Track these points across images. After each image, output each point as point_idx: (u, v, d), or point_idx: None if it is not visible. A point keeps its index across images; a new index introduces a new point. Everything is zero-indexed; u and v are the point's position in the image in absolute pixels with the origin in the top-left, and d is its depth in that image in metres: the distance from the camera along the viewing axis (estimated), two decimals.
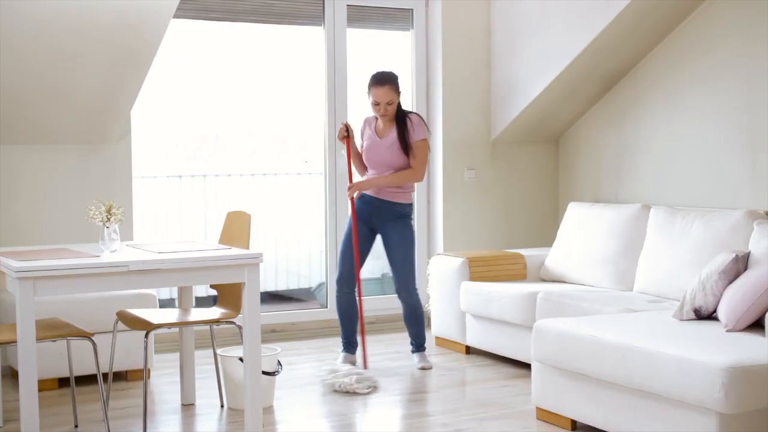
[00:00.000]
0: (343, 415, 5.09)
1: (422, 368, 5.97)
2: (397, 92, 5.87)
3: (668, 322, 4.73)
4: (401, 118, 5.89)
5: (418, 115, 5.98)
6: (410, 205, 5.98)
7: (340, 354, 6.10)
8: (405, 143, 5.84)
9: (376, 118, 5.98)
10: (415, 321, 6.05)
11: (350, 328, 6.09)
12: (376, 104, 5.84)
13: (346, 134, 6.00)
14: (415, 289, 6.00)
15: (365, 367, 5.92)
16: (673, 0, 6.03)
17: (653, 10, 6.06)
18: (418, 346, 6.10)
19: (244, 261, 4.38)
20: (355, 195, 5.96)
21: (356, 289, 6.03)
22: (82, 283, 4.12)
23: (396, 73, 5.94)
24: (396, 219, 5.91)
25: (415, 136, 5.85)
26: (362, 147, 6.03)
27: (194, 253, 4.42)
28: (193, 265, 4.33)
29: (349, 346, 6.10)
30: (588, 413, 4.53)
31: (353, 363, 6.03)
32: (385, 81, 5.84)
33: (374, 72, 5.93)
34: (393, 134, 5.87)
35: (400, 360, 6.22)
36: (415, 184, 6.07)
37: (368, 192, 5.95)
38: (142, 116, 6.67)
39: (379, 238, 6.05)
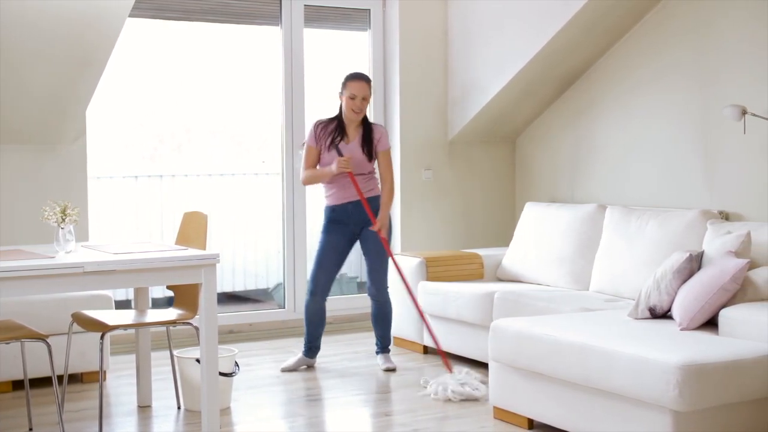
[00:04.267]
0: (301, 415, 5.08)
1: (387, 369, 5.95)
2: (371, 91, 5.90)
3: (624, 321, 4.77)
4: (368, 124, 5.92)
5: (383, 126, 6.06)
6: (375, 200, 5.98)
7: (299, 354, 6.06)
8: (369, 149, 5.86)
9: (336, 124, 5.87)
10: (384, 321, 6.08)
11: (316, 333, 6.04)
12: (352, 98, 5.79)
13: (350, 167, 5.80)
14: (388, 288, 6.05)
15: (450, 371, 5.66)
16: (629, 1, 6.08)
17: (609, 11, 6.11)
18: (384, 347, 6.11)
19: (200, 262, 4.36)
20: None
21: (325, 300, 6.01)
22: (37, 285, 4.08)
23: None
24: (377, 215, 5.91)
25: (385, 143, 5.94)
26: (321, 153, 5.89)
27: (150, 254, 4.39)
28: (149, 266, 4.30)
29: (311, 351, 6.06)
30: (545, 412, 4.56)
31: (312, 366, 6.03)
32: (362, 77, 5.88)
33: (348, 73, 5.95)
34: (359, 139, 5.87)
35: (359, 360, 6.22)
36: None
37: (347, 200, 5.89)
38: (98, 116, 6.62)
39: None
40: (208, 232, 4.92)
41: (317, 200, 7.19)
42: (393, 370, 5.96)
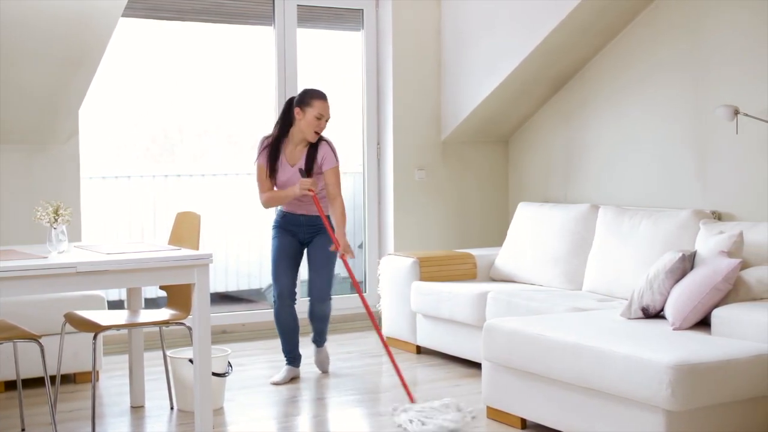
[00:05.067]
0: (294, 416, 5.08)
1: (319, 365, 5.91)
2: None
3: (616, 321, 4.78)
4: (315, 144, 5.64)
5: (330, 141, 5.70)
6: (328, 218, 5.75)
7: (285, 366, 5.84)
8: (310, 170, 5.58)
9: (280, 139, 5.65)
10: (321, 321, 5.86)
11: (293, 341, 5.83)
12: (318, 118, 5.55)
13: (314, 189, 5.56)
14: (330, 299, 5.82)
15: (412, 401, 5.10)
16: (621, 1, 6.09)
17: (602, 11, 6.12)
18: (319, 342, 5.94)
19: (193, 262, 4.35)
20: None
21: (295, 301, 5.80)
22: (29, 285, 4.07)
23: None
24: (322, 230, 5.73)
25: (327, 163, 5.61)
26: (269, 172, 5.64)
27: (143, 254, 4.39)
28: (142, 266, 4.29)
29: (293, 360, 5.85)
30: (538, 412, 4.56)
31: (297, 376, 5.83)
32: (326, 96, 5.63)
33: (308, 88, 5.69)
34: (303, 157, 5.62)
35: (352, 360, 6.22)
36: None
37: (301, 212, 5.70)
38: (91, 116, 6.61)
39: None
40: (201, 232, 4.91)
41: None
42: (326, 370, 5.92)
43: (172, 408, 5.13)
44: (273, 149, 5.65)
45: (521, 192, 7.42)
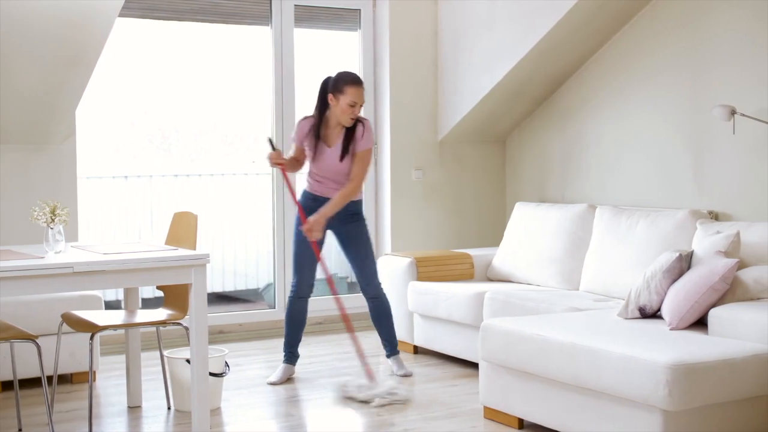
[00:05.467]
0: (291, 416, 5.08)
1: (404, 375, 5.79)
2: None
3: (613, 321, 4.78)
4: (353, 126, 5.61)
5: (368, 121, 5.67)
6: (362, 202, 5.78)
7: (281, 365, 5.80)
8: (346, 151, 5.57)
9: (314, 120, 5.64)
10: (385, 317, 5.84)
11: (296, 337, 5.81)
12: (351, 105, 5.49)
13: (282, 161, 5.61)
14: (380, 283, 5.85)
15: (374, 380, 5.42)
16: (618, 1, 6.09)
17: (599, 10, 6.12)
18: (392, 348, 5.89)
19: (190, 262, 4.35)
20: (316, 231, 5.54)
21: (308, 297, 5.81)
22: (26, 285, 4.07)
23: None
24: (351, 216, 5.71)
25: (362, 144, 5.58)
26: (304, 151, 5.66)
27: (140, 254, 4.38)
28: (139, 266, 4.29)
29: (292, 357, 5.82)
30: (535, 412, 4.56)
31: (292, 375, 5.81)
32: (361, 82, 5.57)
33: (340, 72, 5.60)
34: (340, 141, 5.60)
35: (349, 360, 6.21)
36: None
37: (321, 194, 5.63)
38: (88, 116, 6.61)
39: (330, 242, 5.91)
40: (198, 232, 4.91)
41: None
42: (409, 375, 5.81)
43: (169, 408, 5.13)
44: (315, 134, 5.61)
45: (518, 192, 7.42)
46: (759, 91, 5.43)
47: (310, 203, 5.68)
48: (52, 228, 4.41)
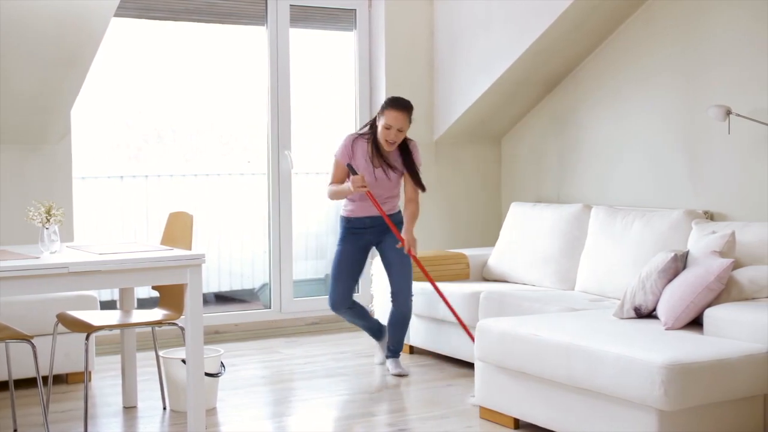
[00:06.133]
0: (287, 416, 5.08)
1: (398, 375, 5.84)
2: (410, 122, 5.68)
3: (609, 321, 4.79)
4: (404, 146, 5.74)
5: (414, 141, 5.83)
6: (401, 212, 5.90)
7: (376, 345, 6.10)
8: (408, 170, 5.74)
9: (367, 142, 5.71)
10: (401, 327, 5.94)
11: (367, 324, 6.02)
12: (387, 128, 5.57)
13: (366, 184, 5.60)
14: (412, 296, 5.90)
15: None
16: (614, 1, 6.10)
17: (595, 11, 6.12)
18: (395, 352, 5.98)
19: (186, 262, 4.35)
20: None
21: (352, 304, 5.92)
22: (21, 285, 4.06)
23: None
24: (390, 230, 5.80)
25: (418, 163, 5.79)
26: (350, 166, 5.66)
27: (135, 254, 4.38)
28: (135, 266, 4.29)
29: (377, 334, 6.05)
30: (531, 412, 4.56)
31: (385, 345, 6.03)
32: (403, 106, 5.63)
33: (390, 97, 5.74)
34: (394, 163, 5.70)
35: (346, 360, 6.22)
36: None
37: (359, 215, 5.78)
38: (83, 116, 6.60)
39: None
40: (193, 233, 4.91)
41: (303, 200, 7.21)
42: (405, 375, 5.85)
43: (164, 408, 5.13)
44: (370, 152, 5.68)
45: (514, 192, 7.42)
46: (754, 92, 5.43)
47: (348, 224, 5.84)
48: (47, 228, 4.40)
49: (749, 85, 5.47)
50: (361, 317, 6.01)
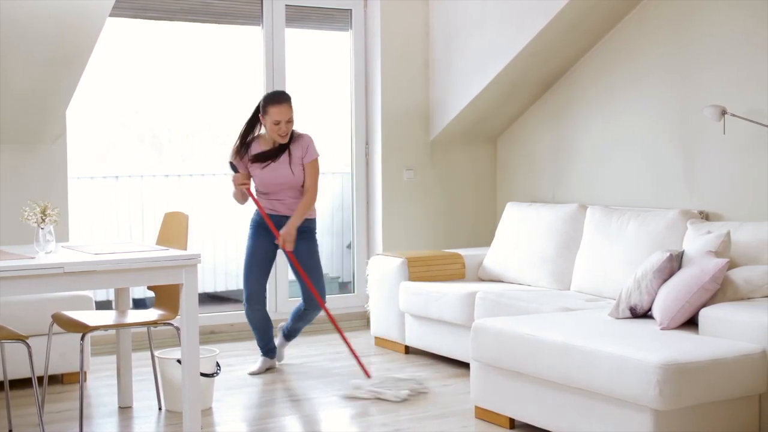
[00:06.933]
0: (282, 416, 5.08)
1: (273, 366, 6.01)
2: (292, 109, 5.71)
3: (604, 321, 4.79)
4: (291, 140, 5.76)
5: (308, 135, 5.82)
6: (315, 221, 5.91)
7: (260, 359, 5.99)
8: (297, 165, 5.74)
9: (259, 140, 5.79)
10: (306, 322, 6.01)
11: (265, 338, 5.97)
12: (276, 123, 5.63)
13: (247, 182, 5.76)
14: (324, 302, 5.87)
15: (368, 376, 5.64)
16: (609, 2, 6.10)
17: (590, 11, 6.13)
18: (289, 337, 6.10)
19: (181, 262, 4.34)
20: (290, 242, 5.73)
21: (265, 305, 5.94)
22: (17, 285, 4.06)
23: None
24: (304, 233, 5.79)
25: (311, 154, 5.76)
26: (232, 165, 5.81)
27: (131, 254, 4.38)
28: (130, 266, 4.28)
29: (270, 352, 6.00)
30: (526, 412, 4.57)
31: (273, 367, 6.01)
32: (282, 99, 5.67)
33: (268, 92, 5.83)
34: (285, 155, 5.73)
35: (340, 360, 6.21)
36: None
37: (279, 213, 5.79)
38: (79, 116, 6.59)
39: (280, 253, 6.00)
40: (189, 233, 4.90)
41: None
42: (273, 368, 5.99)
43: (160, 408, 5.12)
44: (258, 153, 5.74)
45: (509, 192, 7.42)
46: (749, 92, 5.44)
47: (258, 218, 5.87)
48: (42, 228, 4.40)
49: (744, 85, 5.47)
50: (266, 325, 5.96)
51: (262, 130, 5.78)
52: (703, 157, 5.77)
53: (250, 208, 5.93)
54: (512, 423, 4.71)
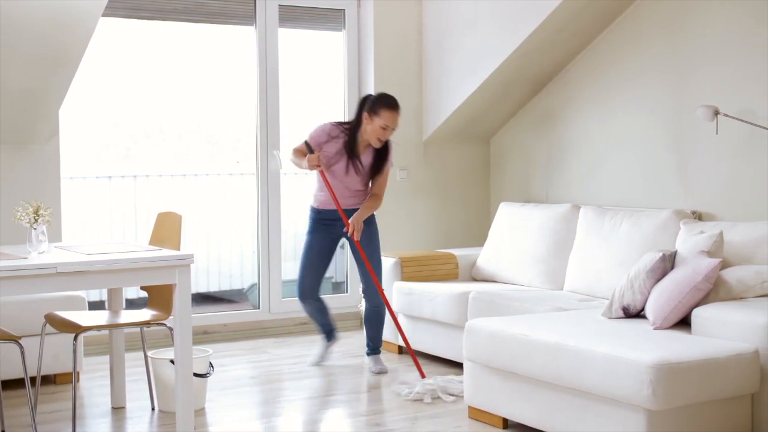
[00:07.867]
0: (275, 416, 5.08)
1: (379, 372, 5.88)
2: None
3: (597, 321, 4.79)
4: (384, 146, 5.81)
5: (391, 141, 5.87)
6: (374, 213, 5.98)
7: (323, 342, 6.11)
8: (377, 169, 5.81)
9: (344, 134, 5.77)
10: (377, 323, 6.01)
11: (324, 321, 6.07)
12: (384, 128, 5.66)
13: (321, 164, 5.74)
14: (382, 290, 5.92)
15: (423, 376, 5.58)
16: (602, 2, 6.11)
17: (583, 11, 6.13)
18: (374, 349, 6.03)
19: (174, 262, 4.34)
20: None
21: (319, 297, 6.02)
22: (9, 286, 4.05)
23: None
24: (366, 222, 5.85)
25: (389, 163, 5.85)
26: (307, 144, 5.75)
27: (124, 254, 4.37)
28: (123, 266, 4.28)
29: (329, 334, 6.10)
30: (519, 411, 4.57)
31: (331, 350, 6.14)
32: (397, 105, 5.71)
33: (380, 94, 5.79)
34: (368, 159, 5.78)
35: (333, 360, 6.21)
36: None
37: (327, 207, 5.85)
38: (72, 116, 6.58)
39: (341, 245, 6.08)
40: (182, 233, 4.90)
41: (292, 200, 7.20)
42: (384, 372, 5.88)
43: (153, 409, 5.12)
44: (349, 150, 5.75)
45: (503, 192, 7.43)
46: (742, 92, 5.45)
47: (318, 215, 5.93)
48: (35, 228, 4.39)
49: (737, 85, 5.48)
50: (322, 313, 6.07)
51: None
52: (696, 157, 5.78)
53: (250, 208, 5.92)
54: (505, 423, 4.71)
